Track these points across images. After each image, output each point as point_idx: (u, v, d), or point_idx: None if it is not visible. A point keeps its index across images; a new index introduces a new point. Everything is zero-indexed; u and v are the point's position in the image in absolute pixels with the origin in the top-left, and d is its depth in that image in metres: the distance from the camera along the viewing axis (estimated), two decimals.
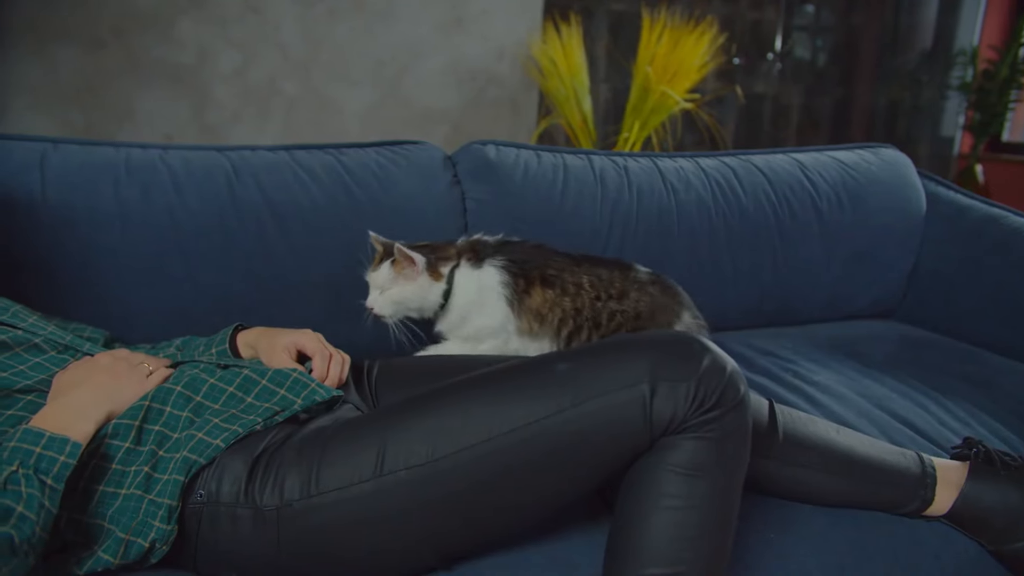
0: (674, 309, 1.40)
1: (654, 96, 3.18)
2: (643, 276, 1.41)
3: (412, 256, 1.27)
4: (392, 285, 1.29)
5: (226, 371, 1.06)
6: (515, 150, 1.63)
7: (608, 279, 1.37)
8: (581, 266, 1.38)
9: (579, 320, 1.34)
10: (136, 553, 0.90)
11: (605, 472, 0.95)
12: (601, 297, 1.35)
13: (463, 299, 1.33)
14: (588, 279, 1.36)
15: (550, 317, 1.33)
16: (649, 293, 1.38)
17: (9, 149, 1.31)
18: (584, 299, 1.34)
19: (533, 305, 1.33)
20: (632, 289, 1.38)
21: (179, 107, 3.03)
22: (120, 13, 2.87)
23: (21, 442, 0.85)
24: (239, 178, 1.41)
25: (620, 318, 1.36)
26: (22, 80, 2.80)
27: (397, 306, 1.30)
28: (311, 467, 0.92)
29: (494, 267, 1.33)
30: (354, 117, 3.27)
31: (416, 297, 1.30)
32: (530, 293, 1.33)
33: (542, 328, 1.33)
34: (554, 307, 1.33)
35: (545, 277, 1.34)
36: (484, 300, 1.32)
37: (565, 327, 1.34)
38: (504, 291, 1.32)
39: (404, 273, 1.28)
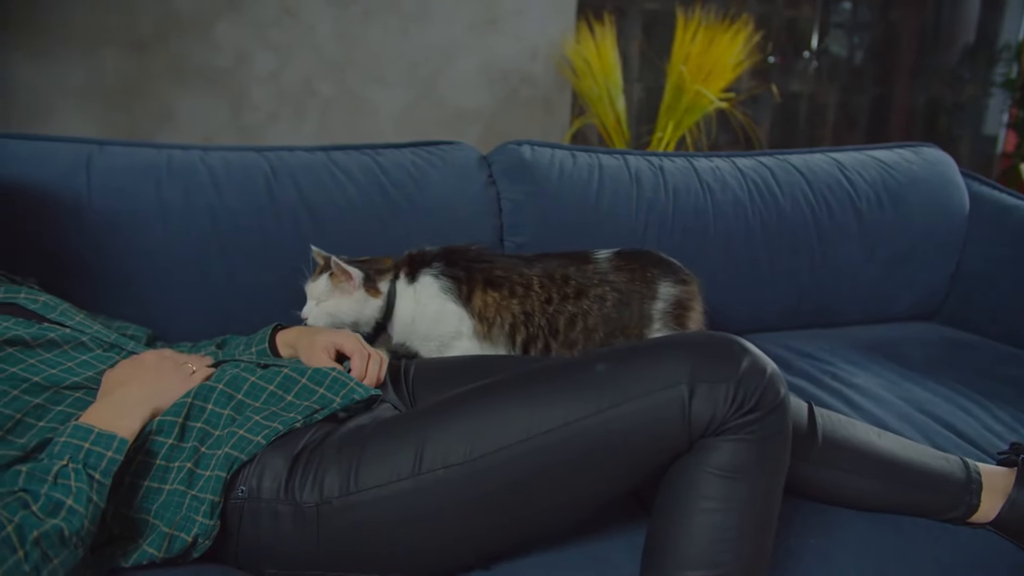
0: (645, 292, 1.33)
1: (688, 95, 3.16)
2: (604, 264, 1.34)
3: (349, 271, 1.26)
4: (328, 297, 1.28)
5: (266, 370, 1.07)
6: (550, 150, 1.63)
7: (562, 277, 1.31)
8: (533, 266, 1.33)
9: (532, 327, 1.29)
10: (179, 547, 0.91)
11: (643, 473, 0.94)
12: (552, 299, 1.30)
13: (406, 314, 1.31)
14: (539, 280, 1.31)
15: (499, 321, 1.30)
16: (612, 283, 1.32)
17: (57, 151, 1.34)
18: (534, 301, 1.29)
19: (477, 308, 1.30)
20: (592, 284, 1.31)
21: (217, 108, 3.07)
22: (161, 17, 2.92)
23: (71, 438, 0.87)
24: (277, 178, 1.43)
25: (582, 323, 1.30)
26: (68, 82, 2.86)
27: (331, 318, 1.29)
28: (350, 465, 0.93)
29: (430, 276, 1.30)
30: (388, 118, 3.29)
31: (351, 311, 1.29)
32: (473, 297, 1.30)
33: (492, 332, 1.30)
34: (501, 310, 1.29)
35: (490, 279, 1.30)
36: (428, 310, 1.30)
37: (518, 334, 1.30)
38: (447, 296, 1.30)
39: (341, 286, 1.28)
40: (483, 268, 1.31)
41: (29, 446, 0.92)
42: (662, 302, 1.33)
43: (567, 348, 1.32)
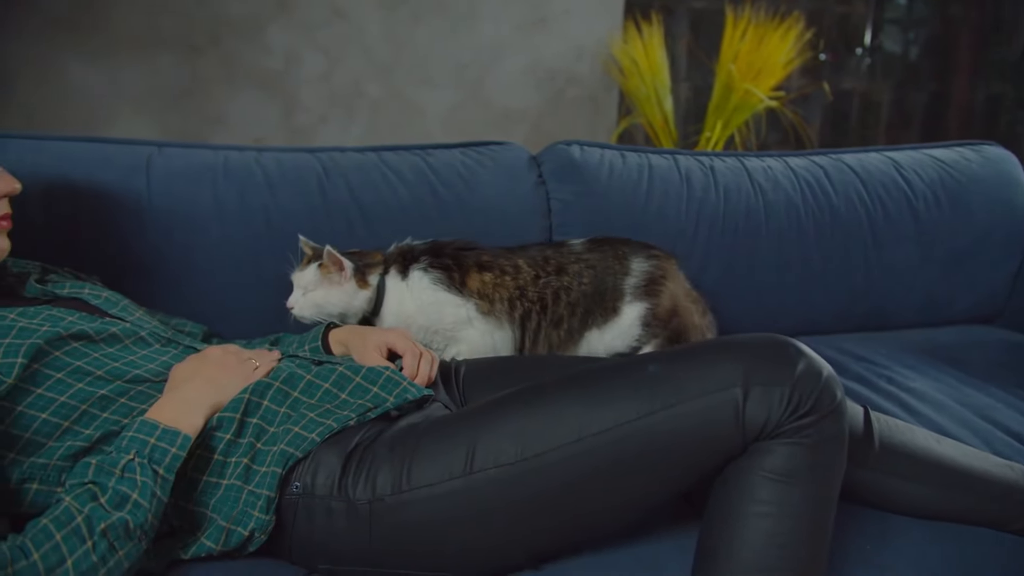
0: (617, 267, 1.37)
1: (737, 94, 3.12)
2: (578, 247, 1.39)
3: (342, 260, 1.26)
4: (316, 287, 1.28)
5: (321, 367, 1.09)
6: (600, 150, 1.63)
7: (542, 258, 1.36)
8: (514, 252, 1.37)
9: (526, 303, 1.33)
10: (236, 541, 0.93)
11: (695, 475, 0.93)
12: (540, 274, 1.34)
13: (401, 308, 1.31)
14: (524, 260, 1.35)
15: (497, 297, 1.32)
16: (587, 261, 1.36)
17: (118, 153, 1.38)
18: (525, 277, 1.33)
19: (474, 287, 1.31)
20: (569, 263, 1.36)
21: (268, 110, 3.13)
22: (215, 21, 2.98)
23: (138, 432, 0.90)
24: (329, 179, 1.45)
25: (565, 297, 1.33)
26: (127, 87, 2.94)
27: (318, 309, 1.28)
28: (403, 463, 0.93)
29: (420, 270, 1.32)
30: (435, 118, 3.31)
31: (340, 302, 1.28)
32: (469, 278, 1.32)
33: (493, 308, 1.31)
34: (498, 287, 1.32)
35: (480, 263, 1.33)
36: (425, 303, 1.31)
37: (516, 310, 1.32)
38: (439, 287, 1.31)
39: (330, 277, 1.27)
40: (471, 254, 1.34)
41: (94, 437, 0.94)
42: (634, 277, 1.36)
43: (554, 327, 1.34)
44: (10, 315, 0.98)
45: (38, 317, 1.00)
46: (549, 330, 1.34)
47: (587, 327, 1.36)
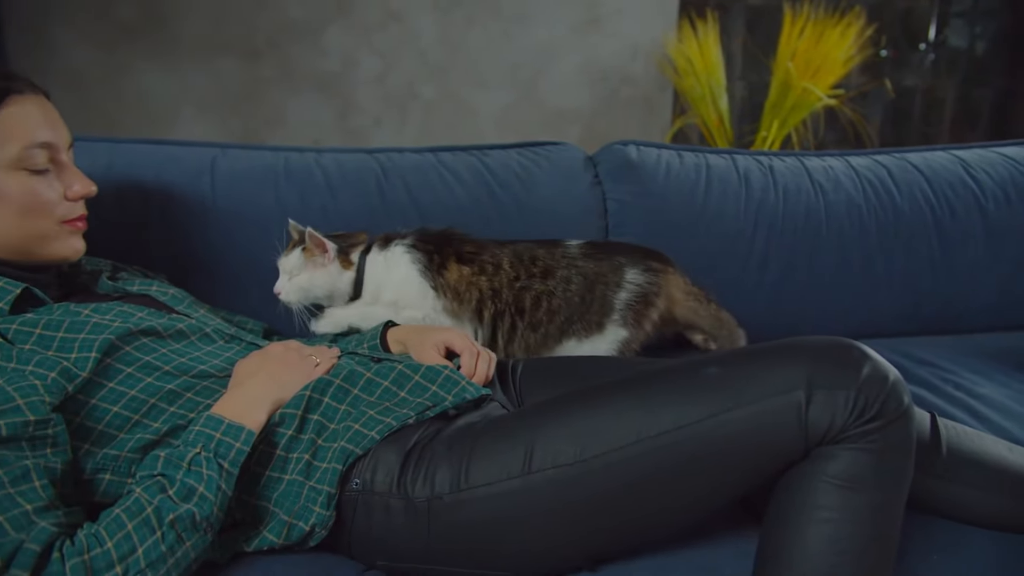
0: (611, 278, 1.32)
1: (795, 93, 3.06)
2: (573, 250, 1.34)
3: (324, 242, 1.25)
4: (301, 271, 1.27)
5: (380, 365, 1.10)
6: (656, 150, 1.62)
7: (530, 258, 1.31)
8: (504, 247, 1.33)
9: (499, 304, 1.29)
10: (297, 535, 0.95)
11: (754, 479, 0.92)
12: (520, 276, 1.30)
13: (373, 278, 1.30)
14: (508, 259, 1.31)
15: (468, 296, 1.29)
16: (579, 268, 1.32)
17: (184, 155, 1.42)
18: (502, 279, 1.29)
19: (451, 280, 1.29)
20: (559, 267, 1.31)
21: (325, 112, 3.18)
22: (275, 25, 3.05)
23: (204, 427, 0.92)
24: (388, 179, 1.47)
25: (546, 303, 1.30)
26: (191, 90, 3.03)
27: (304, 292, 1.28)
28: (461, 462, 0.94)
29: (402, 246, 1.30)
30: (489, 119, 3.33)
31: (324, 284, 1.28)
32: (447, 267, 1.29)
33: (461, 307, 1.29)
34: (470, 286, 1.29)
35: (461, 253, 1.30)
36: (392, 275, 1.29)
37: (486, 309, 1.29)
38: (415, 265, 1.28)
39: (314, 260, 1.27)
40: (455, 244, 1.31)
41: (162, 430, 0.97)
42: (626, 292, 1.32)
43: (532, 330, 1.32)
44: (84, 311, 1.01)
45: (110, 313, 1.03)
46: (526, 332, 1.31)
47: (566, 336, 1.32)
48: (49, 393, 0.90)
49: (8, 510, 0.80)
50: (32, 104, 1.05)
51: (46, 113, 1.06)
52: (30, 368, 0.91)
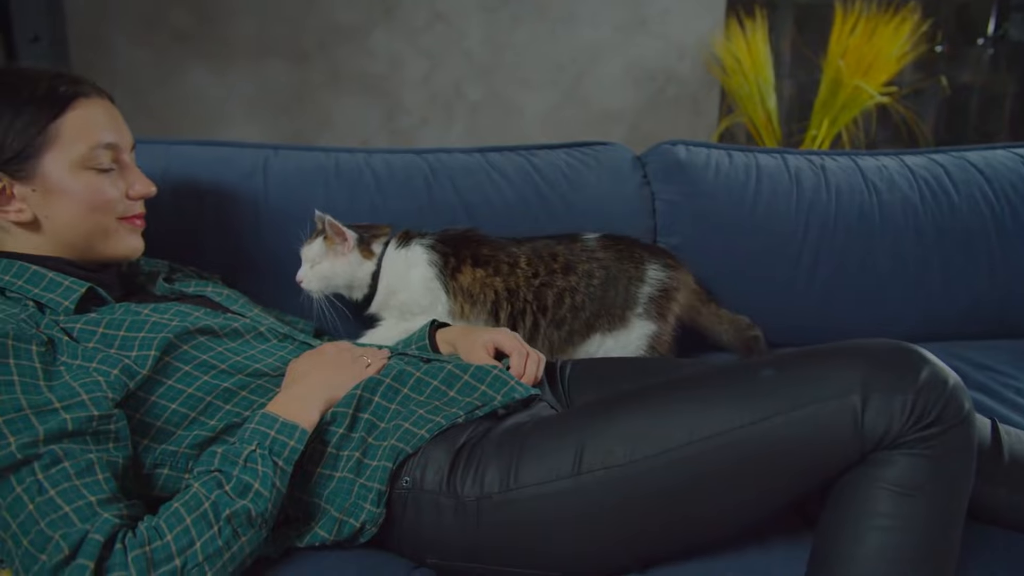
0: (633, 272, 1.33)
1: (846, 90, 3.01)
2: (592, 243, 1.34)
3: (344, 231, 1.26)
4: (322, 259, 1.28)
5: (430, 365, 1.11)
6: (706, 150, 1.60)
7: (549, 255, 1.32)
8: (522, 245, 1.33)
9: (517, 302, 1.29)
10: (348, 532, 0.96)
11: (808, 484, 0.91)
12: (539, 273, 1.30)
13: (390, 275, 1.31)
14: (526, 257, 1.31)
15: (482, 298, 1.29)
16: (600, 261, 1.31)
17: (237, 155, 1.45)
18: (519, 278, 1.29)
19: (464, 284, 1.29)
20: (580, 261, 1.31)
21: (372, 113, 3.22)
22: (323, 28, 3.09)
23: (259, 425, 0.94)
24: (436, 179, 1.48)
25: (569, 300, 1.30)
26: (241, 93, 3.09)
27: (325, 281, 1.29)
28: (510, 462, 0.94)
29: (421, 246, 1.31)
30: (534, 119, 3.33)
31: (344, 273, 1.29)
32: (461, 271, 1.29)
33: (474, 309, 1.29)
34: (485, 287, 1.29)
35: (477, 256, 1.30)
36: (410, 274, 1.30)
37: (502, 310, 1.29)
38: (431, 267, 1.29)
39: (335, 248, 1.28)
40: (472, 247, 1.32)
41: (218, 428, 0.99)
42: (649, 286, 1.33)
43: (555, 327, 1.32)
44: (144, 310, 1.04)
45: (168, 313, 1.06)
46: (549, 330, 1.31)
47: (592, 330, 1.32)
48: (112, 389, 0.93)
49: (73, 501, 0.83)
50: (98, 106, 1.08)
51: (111, 115, 1.10)
52: (94, 365, 0.94)
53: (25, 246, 1.07)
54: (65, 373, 0.93)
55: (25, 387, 0.89)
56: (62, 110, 1.04)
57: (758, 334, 1.47)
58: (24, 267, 1.05)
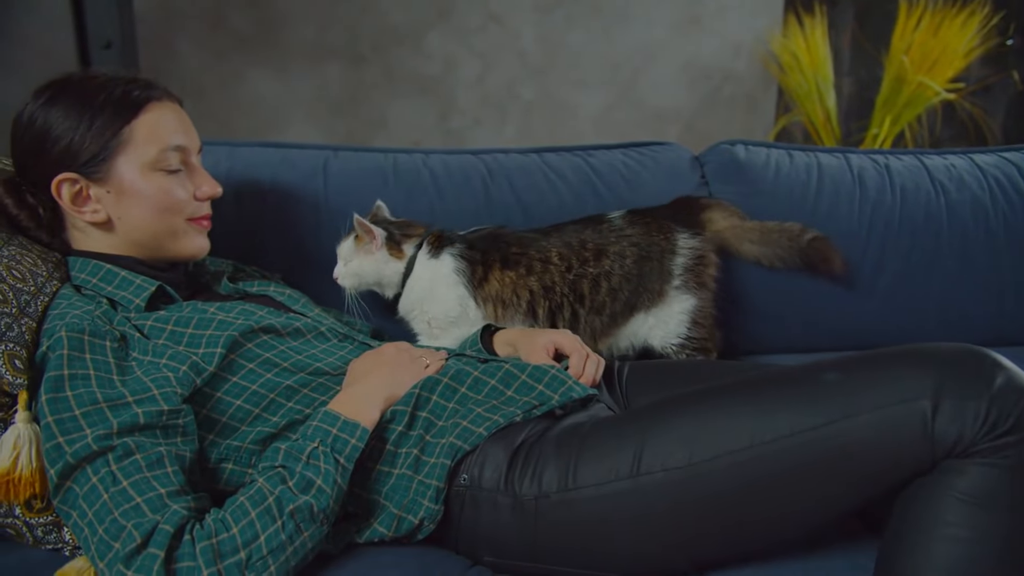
0: (664, 244, 1.32)
1: (909, 87, 2.93)
2: (618, 221, 1.34)
3: (372, 229, 1.26)
4: (353, 257, 1.29)
5: (487, 365, 1.11)
6: (765, 149, 1.58)
7: (579, 243, 1.31)
8: (550, 237, 1.32)
9: (554, 297, 1.28)
10: (406, 528, 0.97)
11: (873, 490, 0.89)
12: (572, 266, 1.29)
13: (418, 286, 1.31)
14: (557, 251, 1.31)
15: (515, 300, 1.28)
16: (630, 238, 1.30)
17: (298, 156, 1.47)
18: (553, 274, 1.29)
19: (494, 291, 1.28)
20: (609, 243, 1.30)
21: (426, 114, 3.24)
22: (378, 31, 3.13)
23: (321, 422, 0.96)
24: (493, 180, 1.48)
25: (606, 284, 1.29)
26: (298, 95, 3.15)
27: (357, 278, 1.30)
28: (569, 461, 0.94)
29: (450, 255, 1.30)
30: (587, 119, 3.32)
31: (373, 271, 1.29)
32: (488, 280, 1.29)
33: (507, 312, 1.28)
34: (519, 289, 1.28)
35: (507, 258, 1.30)
36: (436, 288, 1.29)
37: (539, 307, 1.29)
38: (459, 279, 1.29)
39: (365, 247, 1.28)
40: (500, 248, 1.31)
41: (280, 424, 1.01)
42: (682, 256, 1.31)
43: (595, 314, 1.30)
44: (211, 308, 1.07)
45: (233, 311, 1.08)
46: (590, 317, 1.30)
47: (635, 310, 1.32)
48: (180, 385, 0.95)
49: (145, 492, 0.85)
50: (168, 110, 1.11)
51: (180, 118, 1.13)
52: (164, 361, 0.97)
53: (99, 245, 1.11)
54: (137, 368, 0.96)
55: (100, 381, 0.92)
56: (135, 114, 1.08)
57: (817, 234, 1.43)
58: (98, 266, 1.09)
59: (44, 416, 0.89)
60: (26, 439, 0.91)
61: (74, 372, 0.92)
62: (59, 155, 1.06)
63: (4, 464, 0.90)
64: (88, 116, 1.06)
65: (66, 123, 1.06)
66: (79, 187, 1.07)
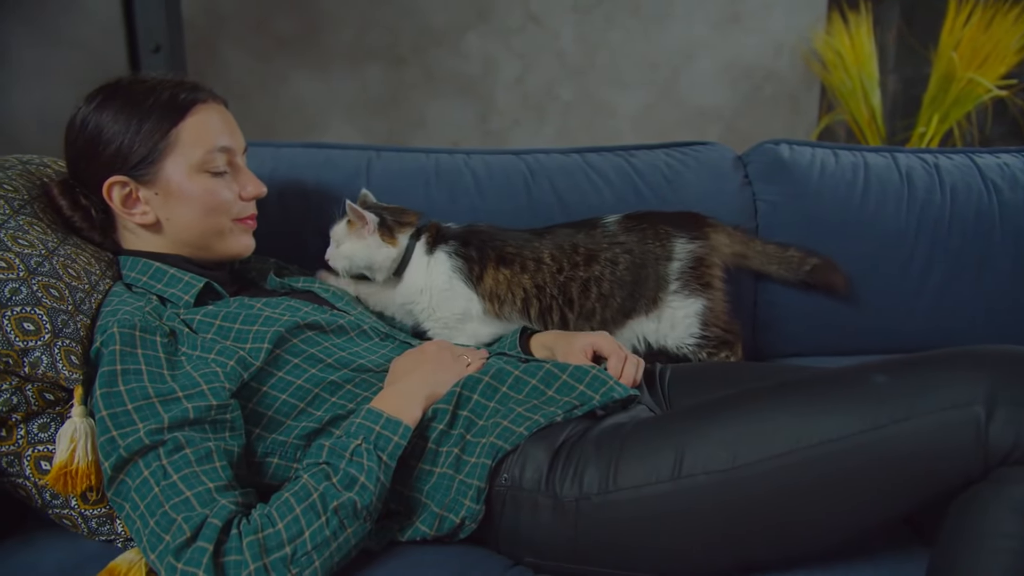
0: (659, 251, 1.30)
1: (958, 85, 2.87)
2: (612, 227, 1.32)
3: (363, 214, 1.26)
4: (344, 240, 1.29)
5: (528, 364, 1.11)
6: (810, 149, 1.55)
7: (571, 245, 1.30)
8: (544, 238, 1.31)
9: (545, 298, 1.28)
10: (448, 527, 0.98)
11: (922, 497, 0.87)
12: (564, 268, 1.28)
13: (414, 282, 1.31)
14: (549, 252, 1.30)
15: (510, 297, 1.28)
16: (623, 245, 1.28)
17: (341, 157, 1.49)
18: (545, 274, 1.28)
19: (488, 288, 1.28)
20: (601, 249, 1.28)
21: (465, 115, 3.26)
22: (418, 32, 3.15)
23: (364, 420, 0.96)
24: (535, 180, 1.48)
25: (596, 289, 1.28)
26: (340, 96, 3.19)
27: (348, 261, 1.30)
28: (610, 463, 0.94)
29: (444, 253, 1.30)
30: (627, 119, 3.30)
31: (365, 255, 1.29)
32: (483, 277, 1.28)
33: (503, 308, 1.28)
34: (513, 287, 1.28)
35: (502, 256, 1.29)
36: (438, 285, 1.29)
37: (531, 307, 1.28)
38: (456, 275, 1.28)
39: (357, 231, 1.28)
40: (496, 246, 1.30)
41: (324, 419, 1.02)
42: (678, 261, 1.29)
43: (585, 320, 1.29)
44: (257, 304, 1.09)
45: (279, 307, 1.10)
46: (579, 323, 1.30)
47: (631, 315, 1.30)
48: (228, 380, 0.97)
49: (194, 486, 0.87)
50: (214, 112, 1.13)
51: (226, 120, 1.15)
52: (212, 356, 0.99)
53: (148, 245, 1.14)
54: (186, 363, 0.98)
55: (151, 376, 0.94)
56: (182, 116, 1.10)
57: (817, 262, 1.42)
58: (148, 264, 1.12)
59: (98, 410, 0.92)
60: (82, 433, 0.93)
61: (126, 367, 0.94)
62: (110, 158, 1.09)
63: (62, 457, 0.92)
64: (137, 120, 1.08)
65: (116, 127, 1.08)
66: (129, 190, 1.09)
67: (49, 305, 0.97)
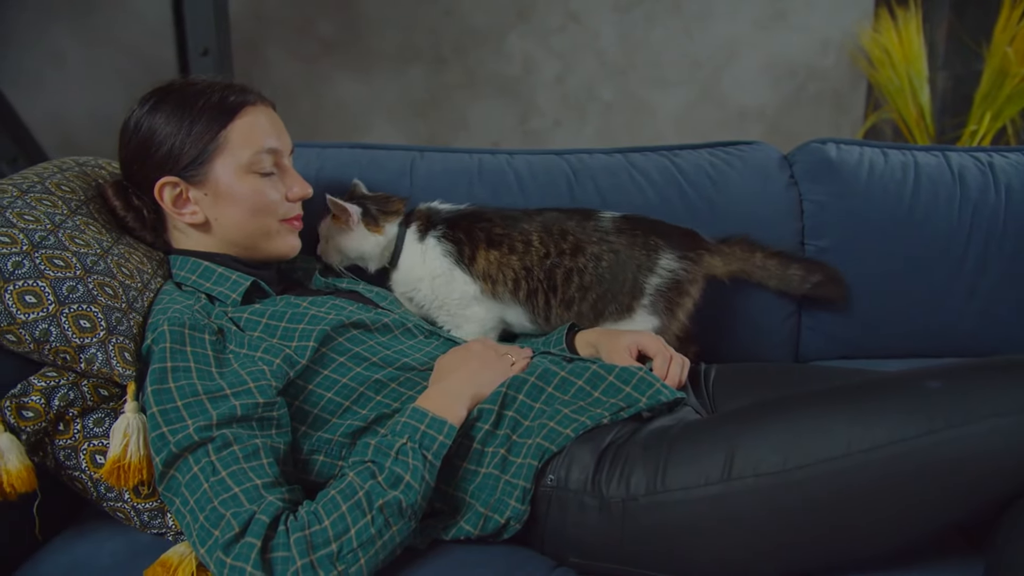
0: (644, 260, 1.27)
1: (1013, 81, 2.79)
2: (607, 224, 1.29)
3: (345, 207, 1.26)
4: (332, 234, 1.30)
5: (573, 365, 1.11)
6: (858, 148, 1.52)
7: (560, 231, 1.28)
8: (533, 220, 1.30)
9: (532, 281, 1.27)
10: (493, 527, 0.97)
11: (976, 505, 0.85)
12: (550, 254, 1.27)
13: (410, 270, 1.31)
14: (538, 235, 1.28)
15: (501, 277, 1.27)
16: (611, 244, 1.27)
17: (386, 157, 1.50)
18: (532, 257, 1.27)
19: (481, 269, 1.27)
20: (590, 242, 1.26)
21: (506, 115, 3.26)
22: (460, 33, 3.17)
23: (410, 419, 0.97)
24: (578, 180, 1.47)
25: (577, 280, 1.26)
26: (382, 98, 3.21)
27: (340, 254, 1.31)
28: (657, 465, 0.93)
29: (434, 238, 1.30)
30: (668, 119, 3.28)
31: (354, 247, 1.29)
32: (476, 258, 1.28)
33: (497, 288, 1.27)
34: (503, 267, 1.27)
35: (491, 238, 1.28)
36: (437, 273, 1.29)
37: (520, 289, 1.27)
38: (447, 259, 1.28)
39: (342, 224, 1.29)
40: (483, 227, 1.29)
41: (369, 417, 1.03)
42: (658, 277, 1.27)
43: (565, 308, 1.28)
44: (303, 303, 1.10)
45: (325, 306, 1.11)
46: (560, 310, 1.29)
47: (601, 316, 1.29)
48: (275, 378, 0.98)
49: (242, 483, 0.88)
50: (262, 114, 1.15)
51: (273, 122, 1.17)
52: (259, 354, 1.00)
53: (197, 245, 1.16)
54: (233, 361, 1.00)
55: (200, 373, 0.96)
56: (231, 118, 1.12)
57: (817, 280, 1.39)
58: (197, 263, 1.14)
59: (150, 406, 0.94)
60: (135, 428, 0.95)
61: (176, 364, 0.96)
62: (161, 159, 1.11)
63: (115, 451, 0.95)
64: (188, 122, 1.10)
65: (168, 128, 1.10)
66: (179, 190, 1.12)
67: (104, 303, 1.00)
